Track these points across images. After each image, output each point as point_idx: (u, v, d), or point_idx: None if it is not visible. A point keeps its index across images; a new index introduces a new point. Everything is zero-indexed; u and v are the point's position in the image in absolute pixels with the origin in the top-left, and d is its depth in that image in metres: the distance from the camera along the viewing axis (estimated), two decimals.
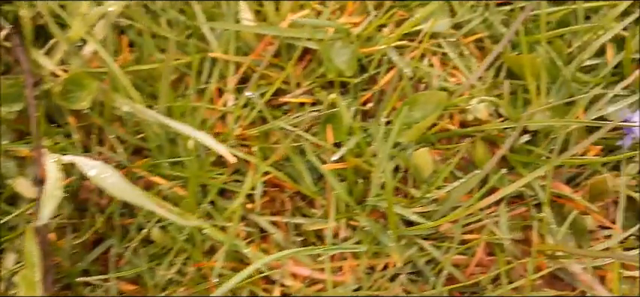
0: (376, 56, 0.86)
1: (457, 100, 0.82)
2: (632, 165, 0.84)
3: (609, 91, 0.85)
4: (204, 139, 0.70)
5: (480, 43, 0.99)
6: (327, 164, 0.77)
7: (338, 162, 0.77)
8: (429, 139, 0.82)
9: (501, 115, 0.87)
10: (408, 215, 0.75)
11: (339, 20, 0.90)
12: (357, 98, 0.86)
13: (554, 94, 0.88)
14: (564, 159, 0.77)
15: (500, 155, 0.77)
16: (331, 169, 0.77)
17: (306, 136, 0.78)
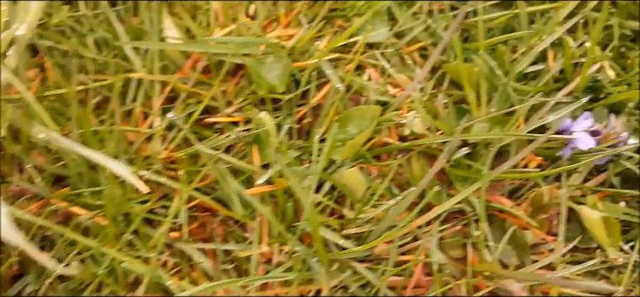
0: (310, 70, 0.83)
1: (391, 115, 0.79)
2: (576, 175, 0.81)
3: (550, 99, 0.83)
4: (117, 168, 0.66)
5: (424, 51, 0.97)
6: (252, 188, 0.73)
7: (266, 185, 0.74)
8: (364, 156, 0.79)
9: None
10: (335, 239, 0.72)
11: (273, 33, 0.86)
12: (291, 114, 0.83)
13: (495, 104, 0.85)
14: (499, 173, 0.74)
15: (435, 171, 0.74)
16: (259, 193, 0.74)
17: (228, 159, 0.74)
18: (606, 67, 0.86)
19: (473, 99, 0.83)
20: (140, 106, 0.80)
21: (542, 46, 0.87)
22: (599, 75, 0.87)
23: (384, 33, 0.91)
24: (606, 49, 0.91)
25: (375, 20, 0.92)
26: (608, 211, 0.75)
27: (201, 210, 0.79)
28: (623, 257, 0.77)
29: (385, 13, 0.93)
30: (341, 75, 0.84)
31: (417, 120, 0.80)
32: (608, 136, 0.78)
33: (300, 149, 0.80)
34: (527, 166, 0.82)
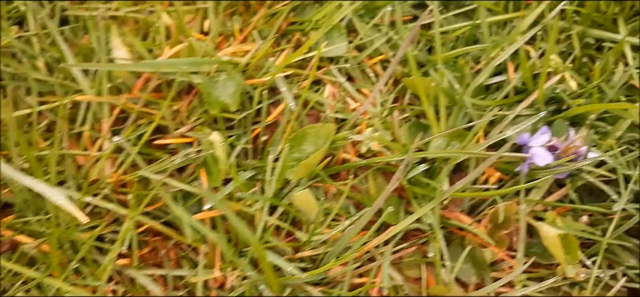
0: (262, 88, 0.81)
1: (346, 133, 0.78)
2: (536, 190, 0.80)
3: (509, 113, 0.81)
4: (55, 196, 0.64)
5: (387, 63, 0.95)
6: (199, 213, 0.71)
7: (213, 210, 0.72)
8: (319, 175, 0.77)
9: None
10: (284, 265, 0.70)
11: (227, 49, 0.85)
12: (247, 133, 0.82)
13: (454, 118, 0.84)
14: (453, 192, 0.73)
15: (389, 190, 0.72)
16: (208, 217, 0.72)
17: (174, 183, 0.72)
18: (567, 78, 0.85)
19: (431, 114, 0.82)
20: (89, 129, 0.78)
21: (502, 57, 0.85)
22: (560, 86, 0.85)
23: (343, 47, 0.89)
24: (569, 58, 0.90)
25: (333, 34, 0.90)
26: (567, 228, 0.74)
27: (152, 234, 0.77)
28: (585, 272, 0.75)
29: (344, 27, 0.91)
30: (297, 91, 0.83)
31: (374, 136, 0.79)
32: (568, 150, 0.77)
33: (255, 169, 0.79)
34: (487, 181, 0.81)
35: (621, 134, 0.82)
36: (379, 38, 0.94)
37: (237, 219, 0.68)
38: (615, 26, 0.94)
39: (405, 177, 0.77)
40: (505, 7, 0.97)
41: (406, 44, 0.77)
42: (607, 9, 0.93)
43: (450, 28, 0.95)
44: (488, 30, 0.91)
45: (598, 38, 0.92)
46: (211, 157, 0.73)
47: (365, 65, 0.93)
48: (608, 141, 0.81)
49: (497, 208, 0.77)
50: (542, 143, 0.75)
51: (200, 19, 0.88)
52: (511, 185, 0.79)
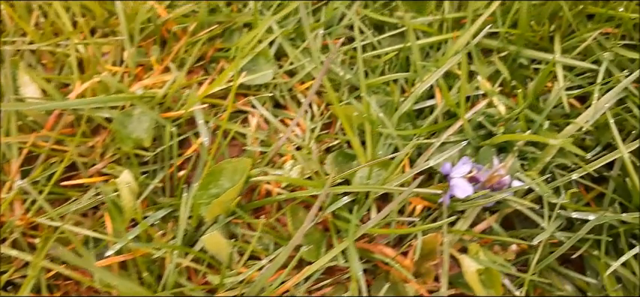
0: (181, 120, 0.79)
1: (264, 167, 0.76)
2: (462, 221, 0.78)
3: (435, 141, 0.80)
4: None
5: (322, 88, 0.94)
6: (103, 259, 0.69)
7: (119, 254, 0.70)
8: (235, 212, 0.75)
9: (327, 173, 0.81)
10: None
11: (144, 81, 0.83)
12: (164, 168, 0.79)
13: (381, 147, 0.82)
14: (369, 228, 0.71)
15: (306, 227, 0.70)
16: (114, 262, 0.70)
17: (77, 230, 0.70)
18: (495, 102, 0.83)
19: (356, 143, 0.80)
20: None
21: (430, 81, 0.84)
22: (490, 110, 0.84)
23: (269, 74, 0.88)
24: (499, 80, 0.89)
25: (259, 61, 0.89)
26: (488, 261, 0.72)
27: (63, 278, 0.74)
28: None
29: (270, 53, 0.89)
30: (217, 123, 0.81)
31: (295, 169, 0.77)
32: (492, 179, 0.75)
33: (172, 206, 0.77)
34: (414, 211, 0.79)
35: (551, 159, 0.81)
36: (311, 62, 0.93)
37: (146, 264, 0.66)
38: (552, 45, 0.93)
39: (327, 210, 0.75)
40: (440, 28, 0.96)
41: (324, 69, 0.75)
42: (540, 28, 0.92)
43: (382, 51, 0.93)
44: (419, 53, 0.90)
45: (532, 59, 0.91)
46: (116, 199, 0.71)
47: (296, 91, 0.91)
48: (534, 168, 0.79)
49: (424, 239, 0.75)
50: (463, 174, 0.73)
51: (119, 50, 0.85)
52: (436, 216, 0.77)
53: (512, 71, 0.91)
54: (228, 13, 0.92)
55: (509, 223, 0.83)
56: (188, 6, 0.90)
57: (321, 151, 0.84)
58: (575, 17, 0.95)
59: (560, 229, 0.80)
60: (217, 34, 0.93)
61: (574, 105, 0.90)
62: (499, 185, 0.75)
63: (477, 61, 0.86)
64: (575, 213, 0.78)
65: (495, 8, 0.90)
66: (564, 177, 0.80)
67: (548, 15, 0.92)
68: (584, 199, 0.83)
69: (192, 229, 0.76)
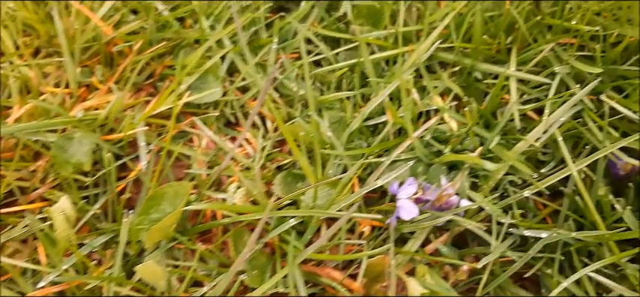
0: (123, 143, 0.77)
1: (206, 191, 0.74)
2: (412, 241, 0.77)
3: (385, 159, 0.78)
4: None
5: (276, 104, 0.92)
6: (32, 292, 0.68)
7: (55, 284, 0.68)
8: (175, 238, 0.74)
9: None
10: None
11: (86, 103, 0.81)
12: (106, 192, 0.78)
13: (332, 165, 0.81)
14: (310, 253, 0.70)
15: (246, 253, 0.69)
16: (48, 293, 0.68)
17: (8, 262, 0.68)
18: (447, 118, 0.82)
19: (304, 162, 0.78)
20: None
21: (380, 98, 0.83)
22: (442, 127, 0.83)
23: (217, 92, 0.86)
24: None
25: (207, 78, 0.87)
26: (435, 284, 0.71)
27: None
28: None
29: (218, 70, 0.88)
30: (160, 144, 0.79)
31: (239, 192, 0.76)
32: (440, 199, 0.74)
33: (114, 231, 0.75)
34: (363, 234, 0.78)
35: (503, 176, 0.80)
36: (264, 78, 0.91)
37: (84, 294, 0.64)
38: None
39: (272, 234, 0.73)
40: (395, 41, 0.95)
41: (267, 86, 0.74)
42: (495, 41, 0.91)
43: (336, 66, 0.92)
44: (376, 67, 0.89)
45: (487, 72, 0.90)
46: (49, 229, 0.69)
47: (248, 108, 0.90)
48: (486, 185, 0.78)
49: (371, 261, 0.74)
50: (409, 195, 0.72)
51: (62, 71, 0.84)
52: (386, 236, 0.76)
53: (468, 85, 0.90)
54: (177, 30, 0.90)
55: (463, 241, 0.82)
56: (135, 23, 0.88)
57: (271, 170, 0.83)
58: (534, 28, 0.94)
59: (514, 246, 0.79)
60: (167, 51, 0.91)
61: (533, 118, 0.88)
62: (447, 205, 0.74)
63: (426, 76, 0.84)
64: (527, 231, 0.78)
65: (449, 21, 0.89)
66: (516, 194, 0.79)
67: (504, 27, 0.91)
68: (540, 215, 0.82)
69: (134, 255, 0.74)
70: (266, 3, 0.95)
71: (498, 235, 0.77)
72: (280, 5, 1.02)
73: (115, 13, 0.90)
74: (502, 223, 0.75)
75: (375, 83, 0.88)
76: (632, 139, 0.79)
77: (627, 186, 0.82)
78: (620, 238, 0.76)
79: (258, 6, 0.94)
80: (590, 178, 0.82)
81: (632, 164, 0.82)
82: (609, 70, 0.88)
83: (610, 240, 0.76)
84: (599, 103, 0.85)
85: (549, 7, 0.95)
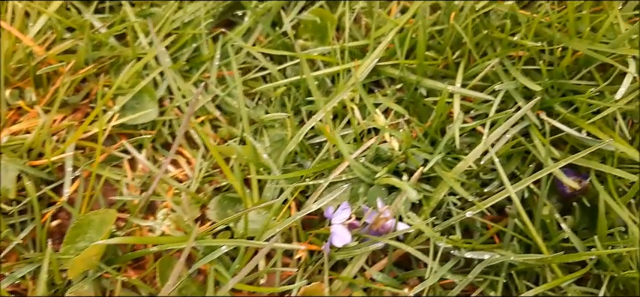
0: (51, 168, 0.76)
1: (132, 218, 0.73)
2: (350, 266, 0.76)
3: (323, 181, 0.77)
4: None
5: (217, 122, 0.91)
6: None
7: None
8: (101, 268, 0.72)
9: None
10: None
11: (13, 127, 0.79)
12: (34, 219, 0.76)
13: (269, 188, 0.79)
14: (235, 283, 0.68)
15: (172, 286, 0.67)
16: None
17: None
18: (387, 137, 0.81)
19: (238, 186, 0.77)
20: None
21: (317, 117, 0.81)
22: (384, 146, 0.82)
23: (152, 112, 0.84)
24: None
25: (143, 98, 0.85)
26: None
27: None
28: None
29: (153, 90, 0.86)
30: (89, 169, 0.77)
31: (169, 218, 0.74)
32: (377, 223, 0.73)
33: (40, 261, 0.73)
34: (301, 258, 0.77)
35: (445, 196, 0.79)
36: (206, 96, 0.90)
37: None
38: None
39: (200, 263, 0.72)
40: (342, 56, 0.93)
41: (190, 112, 0.72)
42: (440, 57, 0.90)
43: (279, 83, 0.90)
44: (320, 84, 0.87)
45: (433, 88, 0.88)
46: None
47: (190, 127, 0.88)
48: (428, 206, 0.77)
49: (307, 288, 0.73)
50: (342, 221, 0.71)
51: None
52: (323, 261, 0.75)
53: (415, 101, 0.89)
54: (113, 47, 0.89)
55: (409, 262, 0.80)
56: (70, 42, 0.86)
57: (208, 193, 0.81)
58: (485, 41, 0.93)
59: (458, 268, 0.78)
60: (105, 70, 0.89)
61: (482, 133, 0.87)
62: (384, 229, 0.73)
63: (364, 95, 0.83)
64: (469, 253, 0.76)
65: (392, 36, 0.88)
66: (459, 215, 0.78)
67: (450, 42, 0.90)
68: (486, 235, 0.81)
69: (62, 285, 0.72)
70: (207, 19, 0.93)
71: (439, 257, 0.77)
72: (227, 19, 1.00)
73: (49, 32, 0.88)
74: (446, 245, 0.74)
75: (318, 100, 0.86)
76: (576, 157, 0.78)
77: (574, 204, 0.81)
78: (562, 261, 0.75)
79: (199, 22, 0.92)
80: (536, 193, 0.81)
81: (578, 181, 0.81)
82: (558, 84, 0.87)
83: (552, 263, 0.75)
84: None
85: (499, 20, 0.94)
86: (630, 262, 0.76)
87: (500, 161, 0.83)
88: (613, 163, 0.79)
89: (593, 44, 0.86)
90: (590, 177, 0.80)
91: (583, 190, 0.81)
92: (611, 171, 0.78)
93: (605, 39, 0.88)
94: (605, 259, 0.75)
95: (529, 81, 0.83)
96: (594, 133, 0.81)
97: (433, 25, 0.94)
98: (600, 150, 0.81)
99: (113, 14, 0.95)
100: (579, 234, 0.82)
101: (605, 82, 0.84)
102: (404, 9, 0.97)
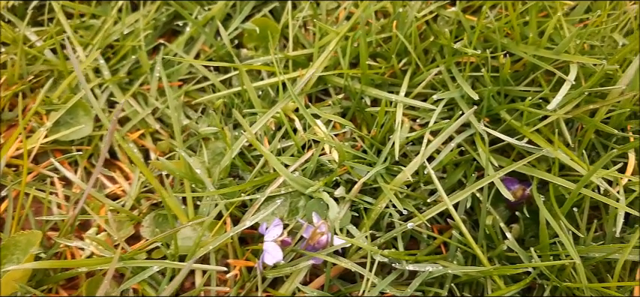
0: None
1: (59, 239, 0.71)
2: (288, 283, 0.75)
3: (260, 196, 0.76)
4: None
5: (158, 135, 0.90)
6: None
7: None
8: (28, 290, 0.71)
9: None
10: None
11: None
12: None
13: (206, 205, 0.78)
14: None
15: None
16: None
17: None
18: (327, 149, 0.80)
19: (171, 203, 0.76)
20: None
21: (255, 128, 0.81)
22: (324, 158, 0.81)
23: (87, 128, 0.83)
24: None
25: (77, 112, 0.84)
26: None
27: None
28: None
29: (88, 105, 0.85)
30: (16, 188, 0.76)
31: (100, 236, 0.73)
32: (314, 237, 0.72)
33: None
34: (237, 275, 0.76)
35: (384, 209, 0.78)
36: (146, 109, 0.89)
37: None
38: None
39: (130, 282, 0.70)
40: (286, 66, 0.93)
41: (111, 129, 0.71)
42: (386, 65, 0.90)
43: (220, 95, 0.89)
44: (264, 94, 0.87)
45: (377, 98, 0.88)
46: None
47: (128, 140, 0.87)
48: (369, 218, 0.77)
49: None
50: (274, 237, 0.70)
51: None
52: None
53: (361, 110, 0.89)
54: (46, 61, 0.87)
55: (353, 276, 0.80)
56: (2, 56, 0.84)
57: (145, 207, 0.80)
58: (433, 48, 0.93)
59: (403, 280, 0.77)
60: (41, 84, 0.88)
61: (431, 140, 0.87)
62: (319, 244, 0.72)
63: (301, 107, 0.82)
64: (411, 265, 0.76)
65: (335, 46, 0.87)
66: (401, 227, 0.77)
67: (395, 51, 0.90)
68: (433, 245, 0.81)
69: None
70: (147, 30, 0.92)
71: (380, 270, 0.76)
72: (171, 29, 1.00)
73: None
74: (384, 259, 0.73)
75: (259, 112, 0.86)
76: (517, 165, 0.78)
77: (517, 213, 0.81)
78: (502, 273, 0.75)
79: (138, 33, 0.91)
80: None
81: (522, 189, 0.81)
82: (505, 91, 0.87)
83: (493, 274, 0.75)
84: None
85: (448, 26, 0.94)
86: (572, 272, 0.76)
87: (449, 169, 0.83)
88: (556, 171, 0.79)
89: (537, 50, 0.86)
90: (531, 185, 0.80)
91: (528, 199, 0.81)
92: (551, 179, 0.78)
93: (550, 44, 0.88)
94: (546, 271, 0.75)
95: (469, 88, 0.82)
96: (536, 140, 0.81)
97: (380, 32, 0.94)
98: (546, 157, 0.82)
99: (50, 27, 0.94)
100: (526, 242, 0.82)
101: (549, 88, 0.84)
102: (350, 15, 0.97)
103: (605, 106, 0.82)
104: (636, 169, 0.82)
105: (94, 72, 0.91)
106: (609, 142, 0.85)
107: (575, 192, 0.74)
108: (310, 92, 0.91)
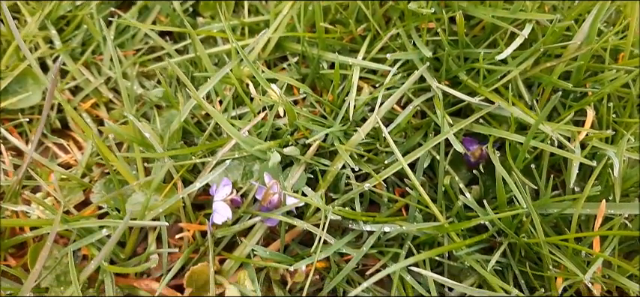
0: None
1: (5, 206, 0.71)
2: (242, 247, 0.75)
3: (211, 159, 0.76)
4: None
5: (112, 105, 0.90)
6: None
7: None
8: None
9: None
10: None
11: None
12: None
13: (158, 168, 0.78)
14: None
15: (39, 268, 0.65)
16: None
17: None
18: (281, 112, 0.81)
19: (121, 167, 0.76)
20: None
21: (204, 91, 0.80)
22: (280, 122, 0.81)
23: (35, 96, 0.83)
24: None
25: (26, 80, 0.83)
26: (253, 289, 0.69)
27: None
28: None
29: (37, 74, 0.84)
30: None
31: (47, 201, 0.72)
32: (266, 197, 0.72)
33: None
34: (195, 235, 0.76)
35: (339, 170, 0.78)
36: (99, 78, 0.88)
37: None
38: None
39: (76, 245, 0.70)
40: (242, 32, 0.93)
41: (51, 91, 0.70)
42: (345, 29, 0.90)
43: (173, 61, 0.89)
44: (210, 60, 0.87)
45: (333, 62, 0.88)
46: None
47: (81, 109, 0.87)
48: (325, 180, 0.77)
49: (193, 270, 0.71)
50: (223, 197, 0.70)
51: None
52: None
53: (320, 76, 0.89)
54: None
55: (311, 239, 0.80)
56: None
57: (97, 176, 0.80)
58: (394, 13, 0.93)
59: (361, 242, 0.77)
60: None
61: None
62: (271, 204, 0.72)
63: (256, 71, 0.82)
64: (368, 226, 0.76)
65: (289, 10, 0.87)
66: (359, 188, 0.78)
67: (354, 16, 0.90)
68: (395, 207, 0.81)
69: None
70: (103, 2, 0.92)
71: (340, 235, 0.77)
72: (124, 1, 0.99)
73: None
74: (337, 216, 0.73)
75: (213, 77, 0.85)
76: (468, 121, 0.79)
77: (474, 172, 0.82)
78: (456, 229, 0.75)
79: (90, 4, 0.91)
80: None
81: (481, 149, 0.82)
82: (465, 54, 0.88)
83: (449, 230, 0.75)
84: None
85: None
86: (531, 229, 0.76)
87: (409, 133, 0.84)
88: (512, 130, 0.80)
89: (495, 10, 0.87)
90: (487, 144, 0.81)
91: (485, 158, 0.82)
92: (507, 136, 0.79)
93: (506, 5, 0.89)
94: (502, 225, 0.75)
95: (423, 46, 0.83)
96: (494, 100, 0.82)
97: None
98: (506, 119, 0.82)
99: None
100: (489, 203, 0.83)
101: (506, 47, 0.85)
102: None
103: (562, 62, 0.83)
104: (595, 123, 0.83)
105: (47, 43, 0.90)
106: (568, 100, 0.86)
107: (527, 142, 0.75)
108: (268, 59, 0.91)
